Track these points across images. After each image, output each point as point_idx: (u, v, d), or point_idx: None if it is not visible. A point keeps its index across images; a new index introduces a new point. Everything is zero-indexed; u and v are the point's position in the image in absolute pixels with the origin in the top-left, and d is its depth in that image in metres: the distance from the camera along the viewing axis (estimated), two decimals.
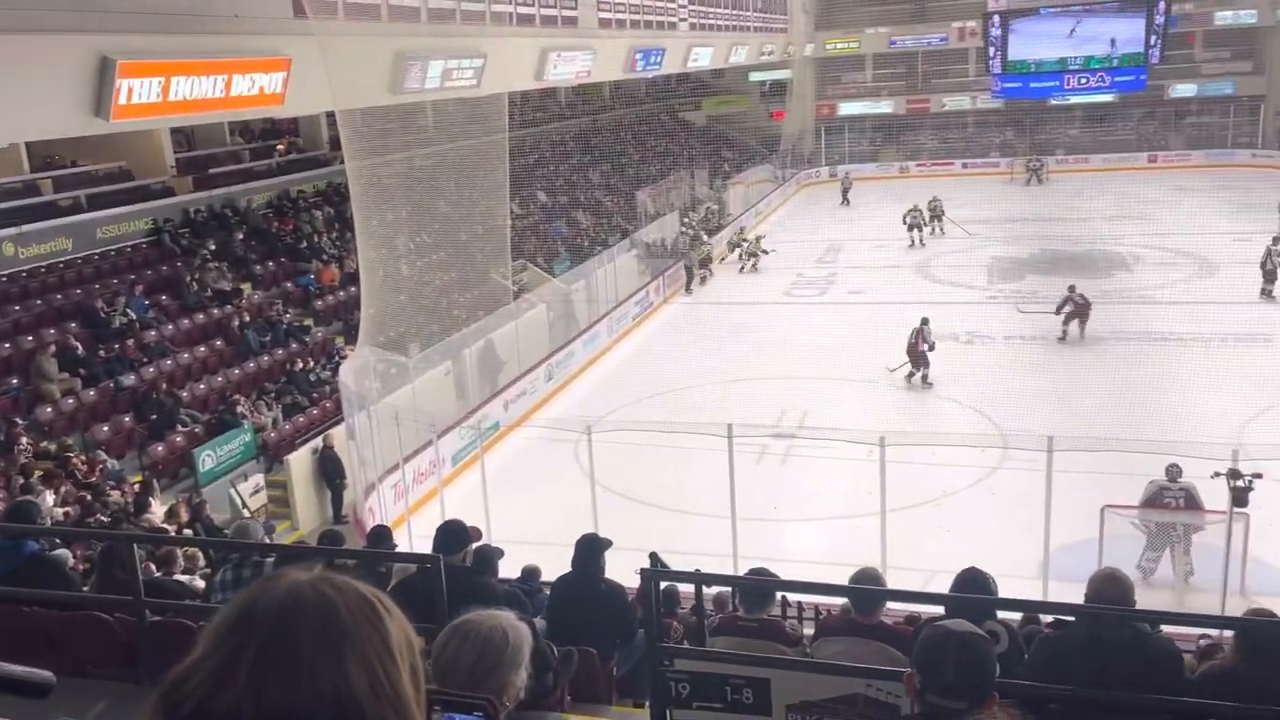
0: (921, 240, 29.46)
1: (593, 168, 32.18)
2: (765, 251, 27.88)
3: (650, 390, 18.22)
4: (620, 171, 33.15)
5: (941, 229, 30.35)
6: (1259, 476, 9.88)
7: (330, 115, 17.91)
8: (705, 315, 23.88)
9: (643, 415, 15.92)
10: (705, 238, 28.02)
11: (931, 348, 17.97)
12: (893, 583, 10.06)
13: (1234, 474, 9.86)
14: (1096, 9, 35.62)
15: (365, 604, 0.90)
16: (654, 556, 5.64)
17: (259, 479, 13.56)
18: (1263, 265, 22.19)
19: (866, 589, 3.74)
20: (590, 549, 5.16)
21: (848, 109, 45.29)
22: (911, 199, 31.10)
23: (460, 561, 4.36)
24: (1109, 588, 3.31)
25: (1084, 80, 37.01)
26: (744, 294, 25.56)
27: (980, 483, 13.41)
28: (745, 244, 28.44)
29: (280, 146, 22.54)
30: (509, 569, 8.08)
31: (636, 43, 24.23)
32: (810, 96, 45.32)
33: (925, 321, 18.31)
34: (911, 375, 18.01)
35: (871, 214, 34.67)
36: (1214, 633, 5.89)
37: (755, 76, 43.32)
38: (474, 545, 4.77)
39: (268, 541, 8.25)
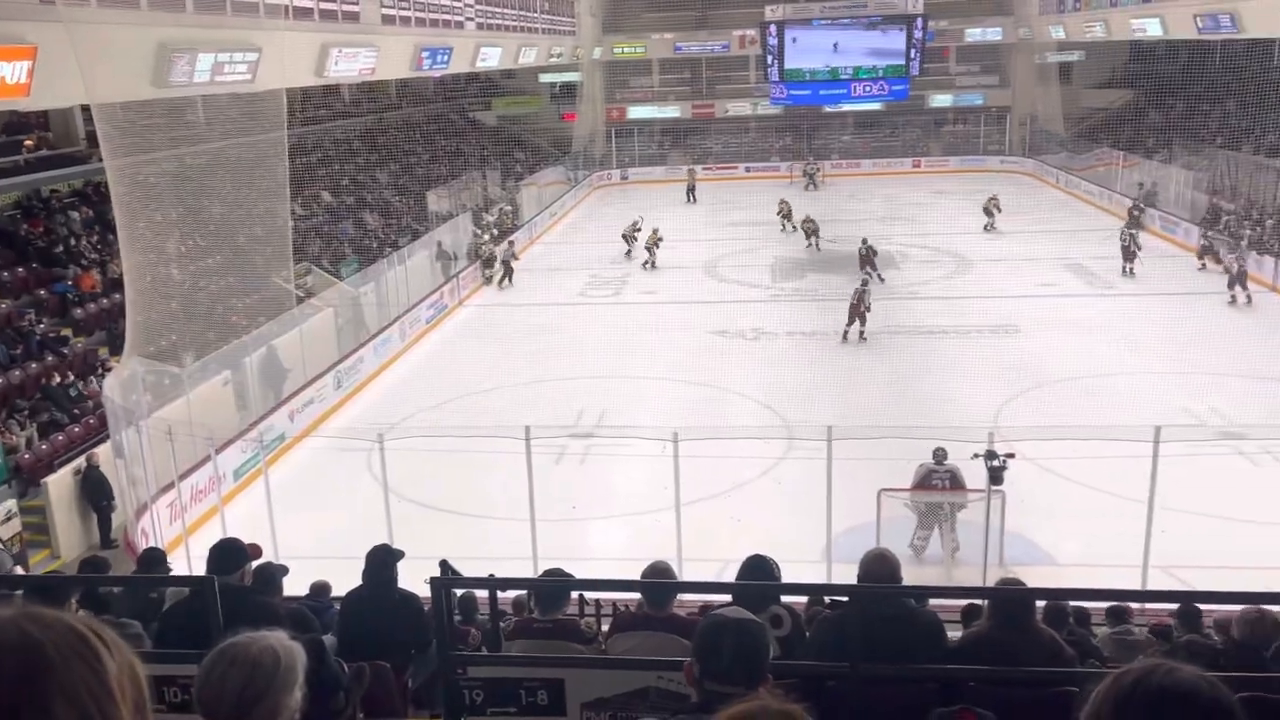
0: (793, 227, 30.63)
1: (380, 167, 31.31)
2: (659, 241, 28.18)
3: (446, 395, 17.92)
4: (409, 171, 32.41)
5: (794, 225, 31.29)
6: (1011, 456, 10.79)
7: (86, 109, 16.56)
8: (501, 317, 23.73)
9: (439, 421, 15.65)
10: (485, 239, 27.81)
11: (869, 308, 20.48)
12: (690, 574, 10.40)
13: (990, 455, 10.72)
14: (863, 23, 37.84)
15: (77, 640, 0.83)
16: (444, 564, 5.54)
17: (10, 505, 12.36)
18: (1123, 246, 24.33)
19: (655, 582, 3.82)
20: (382, 561, 5.01)
21: (637, 112, 46.15)
22: (701, 202, 32.11)
23: (238, 581, 4.13)
24: (878, 566, 3.52)
25: (854, 90, 39.24)
26: (540, 295, 25.57)
27: (768, 473, 13.99)
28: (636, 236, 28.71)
29: (28, 142, 20.66)
30: (298, 586, 7.74)
31: (422, 41, 23.74)
32: (600, 99, 45.87)
33: (865, 283, 21.32)
34: (860, 333, 20.52)
35: (662, 215, 35.44)
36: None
37: (545, 78, 43.40)
38: (253, 564, 4.53)
39: (20, 573, 7.53)
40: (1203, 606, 6.02)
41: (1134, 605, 6.93)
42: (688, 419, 14.47)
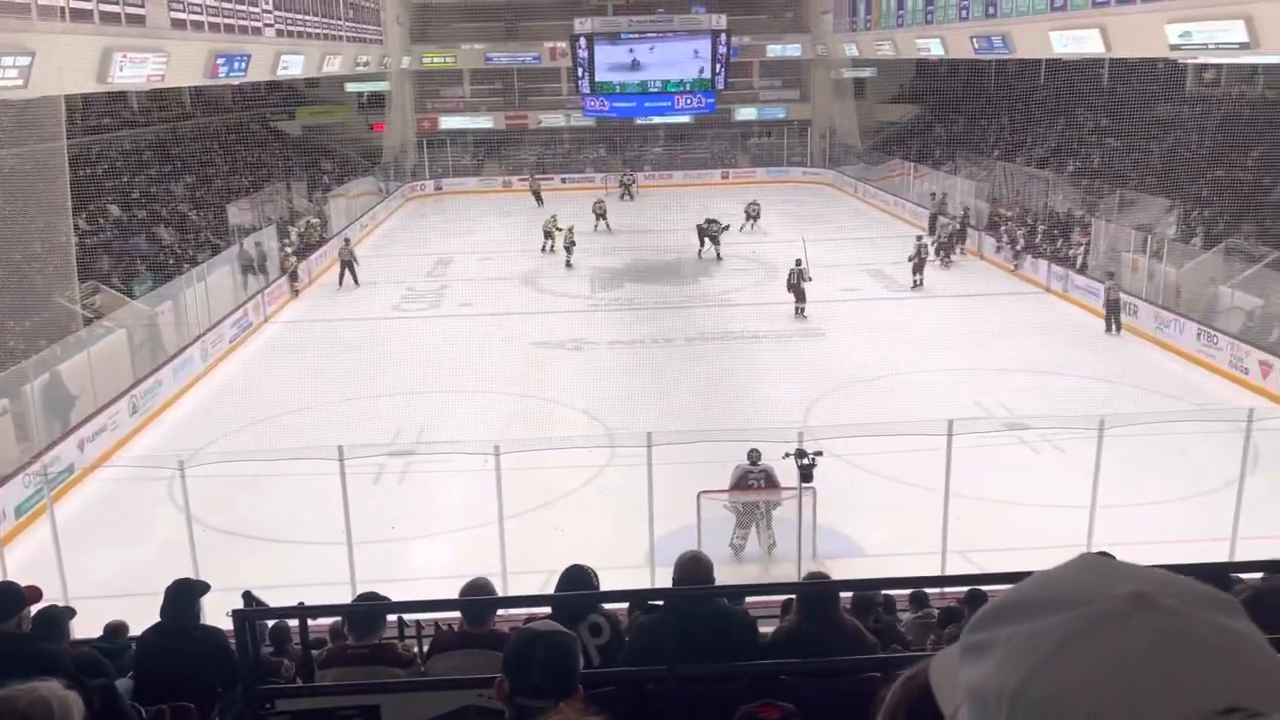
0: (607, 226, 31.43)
1: (175, 179, 29.58)
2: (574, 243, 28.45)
3: (254, 416, 17.09)
4: (207, 183, 30.77)
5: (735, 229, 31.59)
6: (820, 454, 11.28)
7: None
8: (312, 334, 22.83)
9: (246, 444, 14.90)
10: (288, 252, 26.85)
11: (809, 280, 22.48)
12: (516, 587, 10.34)
13: (800, 453, 11.18)
14: (670, 37, 38.72)
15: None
16: (248, 596, 5.29)
17: None
18: (910, 258, 25.54)
19: (471, 600, 3.78)
20: (182, 595, 4.73)
21: (449, 123, 45.54)
22: (517, 213, 32.04)
23: (14, 628, 3.80)
24: (692, 569, 3.61)
25: (663, 103, 40.08)
26: (353, 310, 24.80)
27: (591, 481, 14.07)
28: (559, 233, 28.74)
29: None
30: (93, 628, 7.21)
31: (217, 47, 22.58)
32: (410, 109, 45.02)
33: (799, 262, 22.70)
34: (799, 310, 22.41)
35: (476, 227, 35.15)
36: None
37: (352, 87, 42.20)
38: (33, 608, 4.18)
39: None
40: (988, 588, 6.47)
41: (932, 590, 7.36)
42: (510, 431, 14.39)
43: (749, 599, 6.27)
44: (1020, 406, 16.31)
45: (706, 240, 29.38)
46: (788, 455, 11.48)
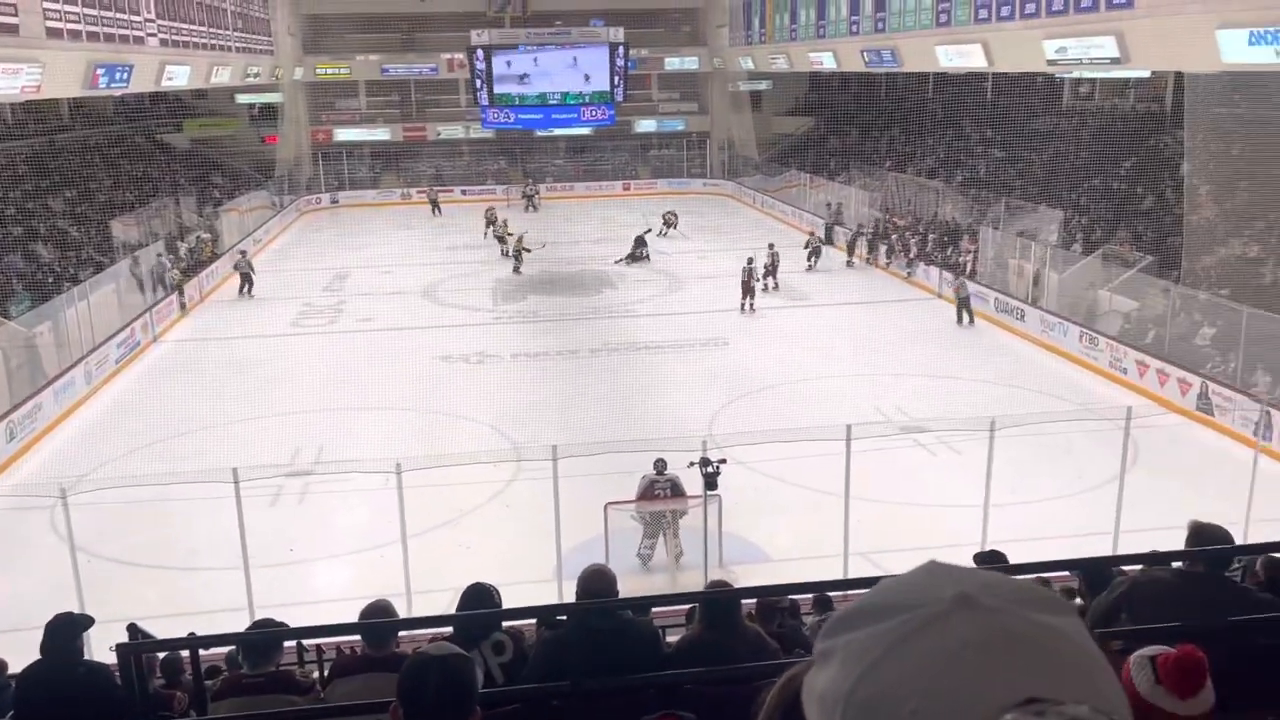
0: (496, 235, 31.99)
1: (53, 194, 28.33)
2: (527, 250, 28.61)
3: (144, 440, 16.46)
4: (89, 198, 29.55)
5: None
6: (724, 462, 11.42)
7: None
8: (204, 352, 22.13)
9: (136, 469, 14.32)
10: (174, 270, 26.04)
11: (757, 277, 24.45)
12: (421, 607, 10.18)
13: (705, 462, 11.29)
14: (568, 50, 38.79)
15: None
16: (133, 628, 5.09)
17: None
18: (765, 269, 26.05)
19: (372, 622, 3.71)
20: (63, 631, 4.52)
21: (344, 135, 44.70)
22: (416, 226, 31.69)
23: None
24: (595, 582, 3.61)
25: (563, 115, 40.11)
26: (246, 327, 24.09)
27: (497, 496, 13.95)
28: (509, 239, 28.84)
29: None
30: None
31: (97, 57, 21.72)
32: (304, 121, 44.05)
33: (750, 260, 24.35)
34: (750, 304, 23.84)
35: (374, 240, 34.56)
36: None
37: (242, 99, 41.07)
38: None
39: None
40: None
41: (835, 594, 7.50)
42: (412, 448, 14.15)
43: (656, 609, 6.31)
44: (916, 410, 16.78)
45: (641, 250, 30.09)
46: (693, 464, 11.58)
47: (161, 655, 5.73)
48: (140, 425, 17.25)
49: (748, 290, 24.20)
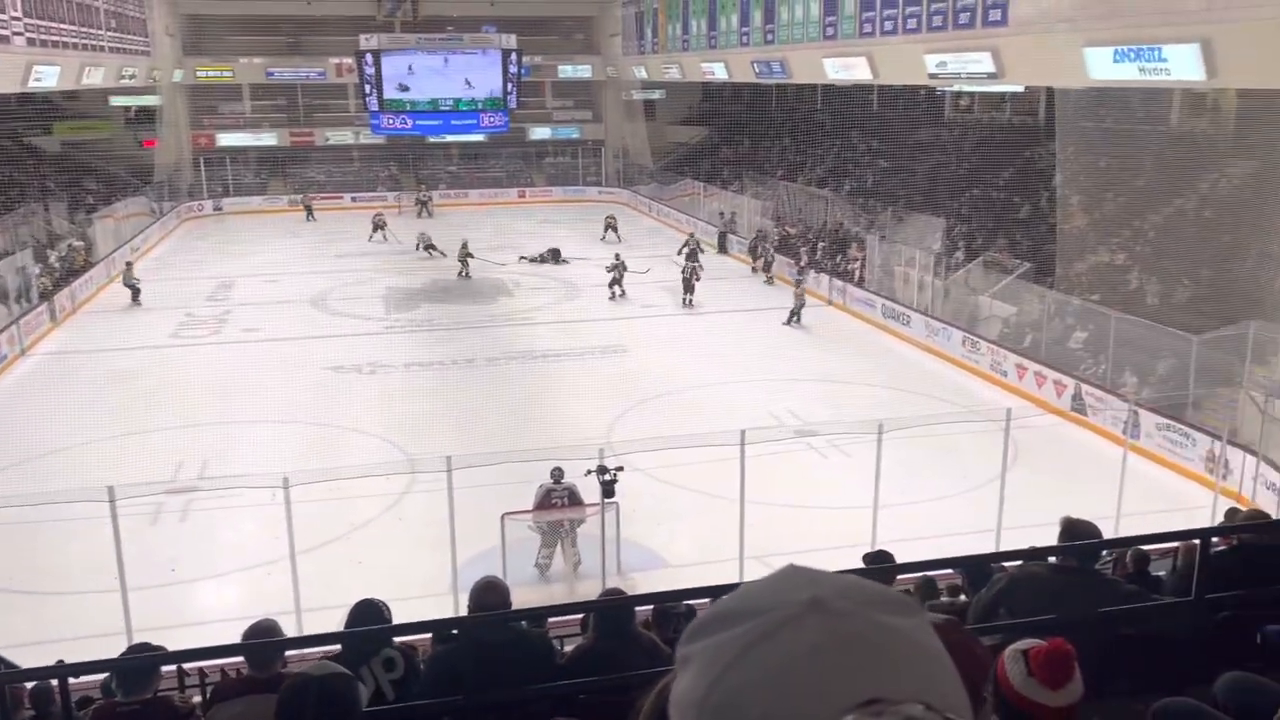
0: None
1: None
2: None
3: (11, 458, 15.60)
4: None
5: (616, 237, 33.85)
6: (621, 469, 11.44)
7: None
8: (78, 365, 21.09)
9: (3, 489, 13.57)
10: (44, 279, 24.89)
11: (698, 277, 25.89)
12: (312, 625, 9.90)
13: (602, 469, 11.29)
14: (460, 55, 38.42)
15: None
16: None
17: None
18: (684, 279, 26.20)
19: (255, 643, 3.58)
20: None
21: (227, 140, 43.34)
22: (304, 234, 30.97)
23: None
24: (488, 595, 3.57)
25: (455, 121, 39.68)
26: (124, 339, 23.08)
27: (391, 509, 13.68)
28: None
29: None
30: None
31: None
32: (185, 125, 42.55)
33: (688, 258, 26.20)
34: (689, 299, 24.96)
35: (261, 248, 33.60)
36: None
37: (117, 101, 39.38)
38: None
39: None
40: None
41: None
42: (302, 462, 13.75)
43: (554, 620, 6.28)
44: (809, 414, 17.12)
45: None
46: (590, 472, 11.57)
47: (30, 685, 5.43)
48: (9, 443, 16.33)
49: (689, 287, 25.66)
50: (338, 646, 3.69)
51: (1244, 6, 13.59)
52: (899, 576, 5.61)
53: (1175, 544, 6.94)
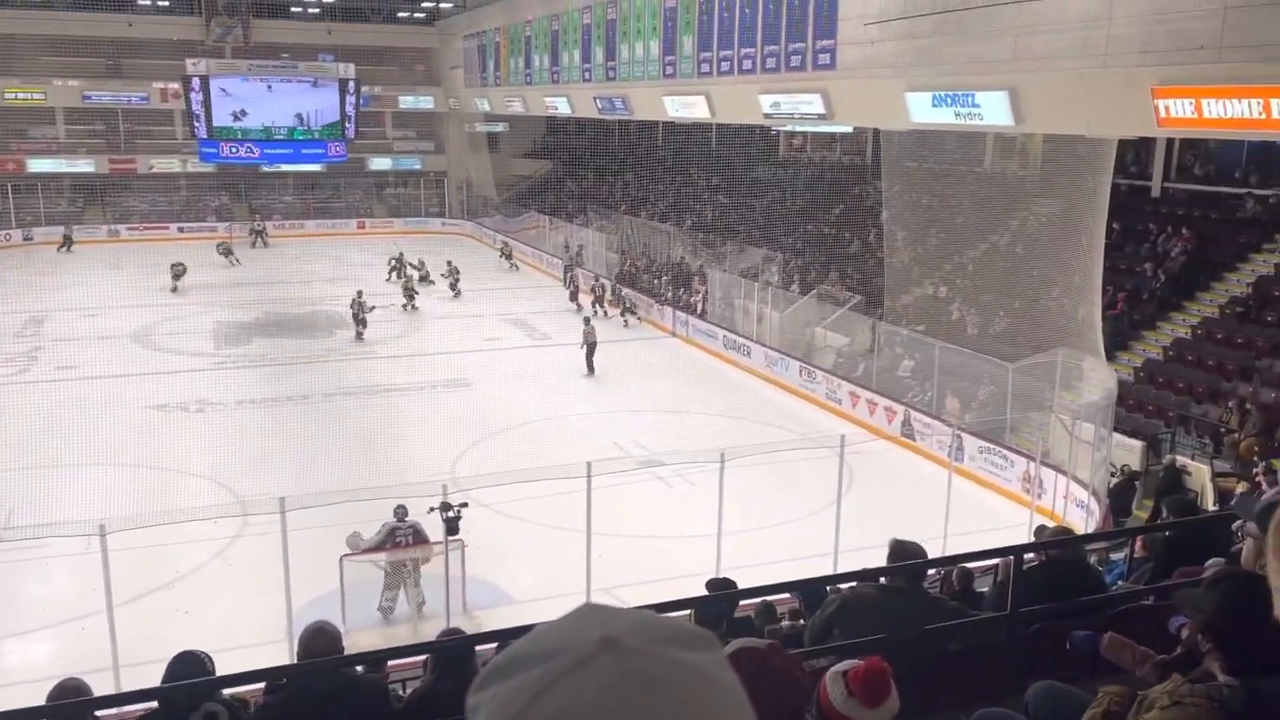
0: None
1: None
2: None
3: None
4: None
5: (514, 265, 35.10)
6: (465, 505, 11.25)
7: None
8: None
9: None
10: None
11: (371, 309, 25.30)
12: (131, 681, 9.26)
13: (445, 506, 11.08)
14: (294, 82, 37.38)
15: None
16: None
17: None
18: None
19: (59, 705, 3.33)
20: None
21: (39, 166, 40.67)
22: (126, 265, 29.37)
23: None
24: (317, 641, 3.44)
25: (290, 150, 38.50)
26: None
27: (220, 554, 13.01)
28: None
29: None
30: None
31: None
32: None
33: (360, 293, 25.31)
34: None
35: (77, 280, 31.58)
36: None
37: None
38: None
39: None
40: None
41: None
42: (122, 507, 12.91)
43: (396, 662, 6.09)
44: (654, 444, 17.31)
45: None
46: (433, 509, 11.33)
47: None
48: None
49: (359, 322, 25.32)
50: (155, 703, 3.47)
51: (1044, 58, 14.72)
52: (740, 602, 5.72)
53: (996, 560, 7.34)
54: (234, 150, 37.60)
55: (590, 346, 22.76)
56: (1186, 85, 12.44)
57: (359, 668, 3.69)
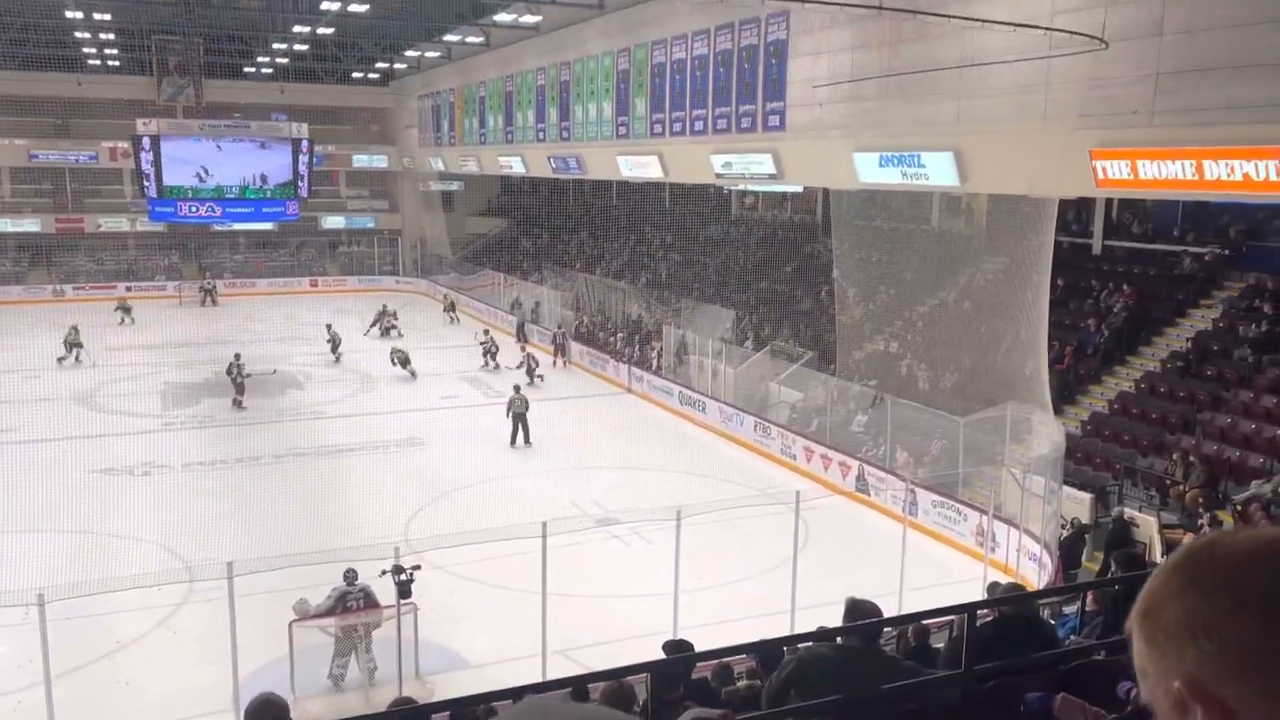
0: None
1: None
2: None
3: None
4: None
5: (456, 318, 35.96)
6: (418, 568, 11.06)
7: None
8: None
9: None
10: None
11: (248, 375, 24.13)
12: None
13: (398, 569, 10.89)
14: (245, 140, 37.25)
15: None
16: None
17: None
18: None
19: None
20: None
21: None
22: (68, 323, 28.90)
23: None
24: (263, 713, 3.35)
25: (242, 209, 38.27)
26: None
27: (164, 622, 12.65)
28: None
29: None
30: None
31: None
32: None
33: (238, 356, 24.37)
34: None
35: (19, 342, 30.91)
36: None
37: None
38: None
39: None
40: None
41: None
42: (63, 575, 12.52)
43: None
44: (610, 502, 17.23)
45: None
46: (384, 573, 11.12)
47: None
48: None
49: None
50: None
51: (987, 121, 15.18)
52: (696, 664, 5.67)
53: (951, 617, 7.37)
54: (185, 210, 37.26)
55: (518, 417, 21.25)
56: (1122, 148, 12.89)
57: None
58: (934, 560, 15.02)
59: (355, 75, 45.49)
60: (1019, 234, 16.61)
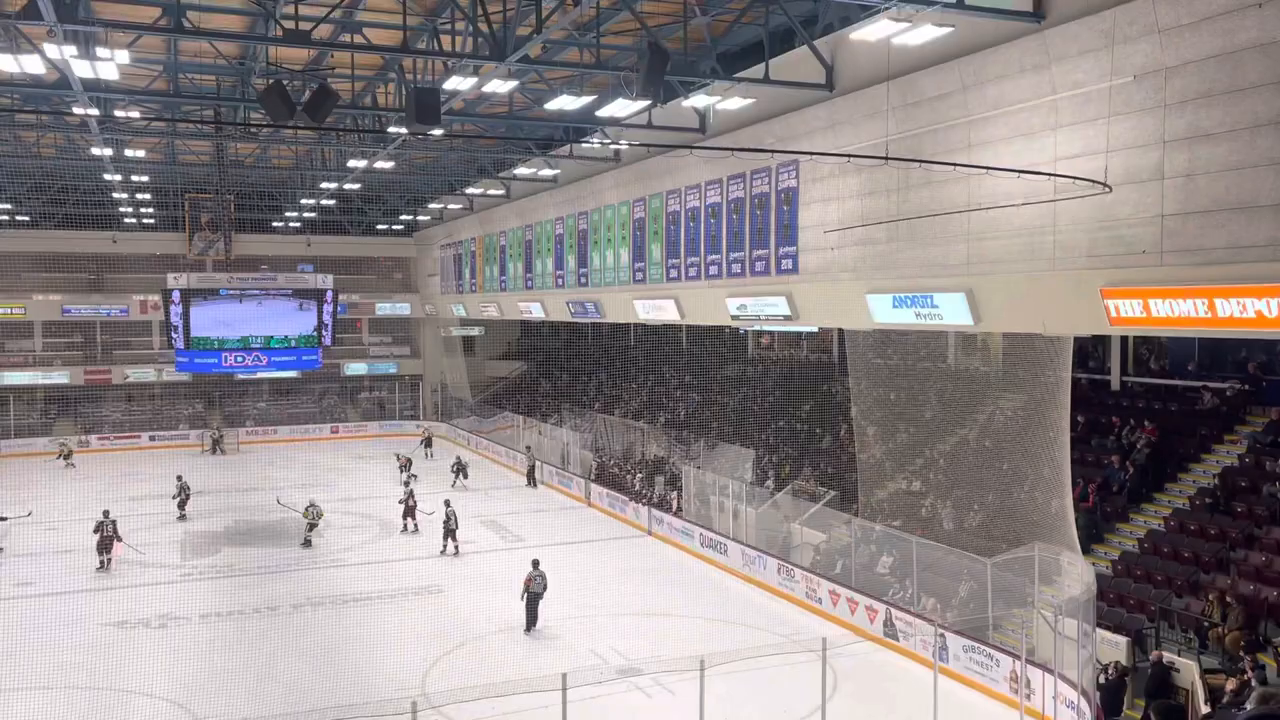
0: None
1: None
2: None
3: None
4: None
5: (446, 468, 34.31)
6: None
7: None
8: None
9: None
10: None
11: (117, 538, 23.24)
12: None
13: None
14: (273, 295, 38.22)
15: None
16: None
17: None
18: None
19: None
20: None
21: (11, 378, 40.84)
22: (93, 476, 28.99)
23: None
24: None
25: (266, 359, 38.98)
26: None
27: None
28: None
29: None
30: None
31: None
32: None
33: (106, 513, 23.45)
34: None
35: (41, 494, 31.07)
36: None
37: None
38: None
39: None
40: None
41: None
42: None
43: None
44: (631, 650, 16.81)
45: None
46: None
47: None
48: None
49: (107, 545, 23.11)
50: None
51: (997, 261, 15.45)
52: None
53: None
54: (211, 360, 38.02)
55: (534, 598, 18.65)
56: (1133, 287, 13.06)
57: None
58: (968, 707, 14.51)
59: (380, 227, 47.02)
60: (1036, 371, 16.65)
